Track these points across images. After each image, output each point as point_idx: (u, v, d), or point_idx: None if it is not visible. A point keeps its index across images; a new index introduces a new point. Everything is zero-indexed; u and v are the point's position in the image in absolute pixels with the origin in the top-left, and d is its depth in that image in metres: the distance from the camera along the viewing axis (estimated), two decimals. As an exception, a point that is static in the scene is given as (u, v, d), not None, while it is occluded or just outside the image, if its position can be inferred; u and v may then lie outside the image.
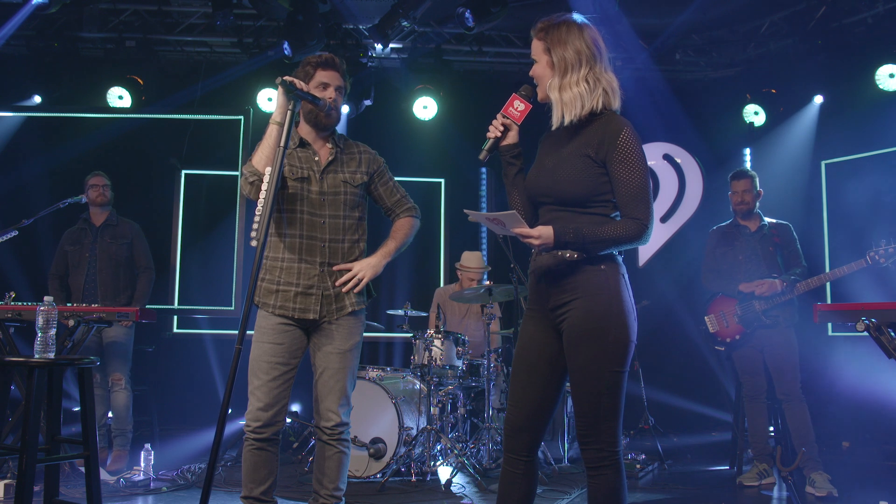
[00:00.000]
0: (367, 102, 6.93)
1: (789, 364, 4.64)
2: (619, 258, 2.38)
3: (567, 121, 2.37)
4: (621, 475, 2.31)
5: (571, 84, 2.35)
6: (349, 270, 3.06)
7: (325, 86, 3.02)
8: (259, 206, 2.67)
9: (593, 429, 2.30)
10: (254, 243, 2.64)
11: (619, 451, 2.31)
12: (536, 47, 2.44)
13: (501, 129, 2.50)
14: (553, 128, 2.43)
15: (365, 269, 3.09)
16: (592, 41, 2.39)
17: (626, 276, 2.38)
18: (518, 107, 2.49)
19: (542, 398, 2.42)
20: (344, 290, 3.05)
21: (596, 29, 2.44)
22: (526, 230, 2.30)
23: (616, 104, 2.40)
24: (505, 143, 2.54)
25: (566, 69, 2.36)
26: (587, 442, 2.32)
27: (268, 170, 2.75)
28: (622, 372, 2.30)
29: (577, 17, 2.44)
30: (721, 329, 4.87)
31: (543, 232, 2.29)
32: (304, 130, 3.11)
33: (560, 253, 2.36)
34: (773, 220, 4.89)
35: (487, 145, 2.52)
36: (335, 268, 3.06)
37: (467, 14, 5.67)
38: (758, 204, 4.89)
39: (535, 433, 2.43)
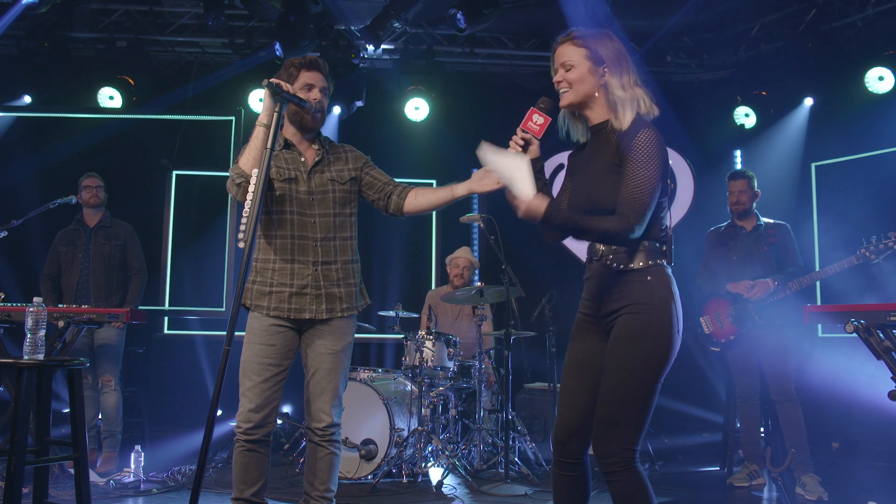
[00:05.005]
0: (359, 103, 6.92)
1: (783, 365, 4.63)
2: (668, 269, 2.37)
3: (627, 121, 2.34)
4: (638, 479, 2.24)
5: (630, 84, 2.39)
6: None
7: (309, 87, 3.00)
8: (246, 209, 2.66)
9: (608, 433, 2.26)
10: (241, 245, 2.63)
11: (631, 457, 2.25)
12: (574, 53, 2.39)
13: (522, 143, 2.42)
14: (594, 123, 2.43)
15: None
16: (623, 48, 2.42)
17: (675, 285, 2.36)
18: (537, 120, 2.41)
19: (595, 401, 2.36)
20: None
21: None
22: (519, 196, 2.28)
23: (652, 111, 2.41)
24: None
25: (620, 71, 2.38)
26: (601, 447, 2.27)
27: (254, 172, 2.74)
28: (654, 383, 2.28)
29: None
30: (716, 330, 4.88)
31: (532, 204, 2.28)
32: (289, 132, 3.09)
33: (608, 262, 2.35)
34: (771, 221, 4.89)
35: None
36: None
37: (459, 15, 5.67)
38: (755, 204, 4.91)
39: (588, 435, 2.38)
